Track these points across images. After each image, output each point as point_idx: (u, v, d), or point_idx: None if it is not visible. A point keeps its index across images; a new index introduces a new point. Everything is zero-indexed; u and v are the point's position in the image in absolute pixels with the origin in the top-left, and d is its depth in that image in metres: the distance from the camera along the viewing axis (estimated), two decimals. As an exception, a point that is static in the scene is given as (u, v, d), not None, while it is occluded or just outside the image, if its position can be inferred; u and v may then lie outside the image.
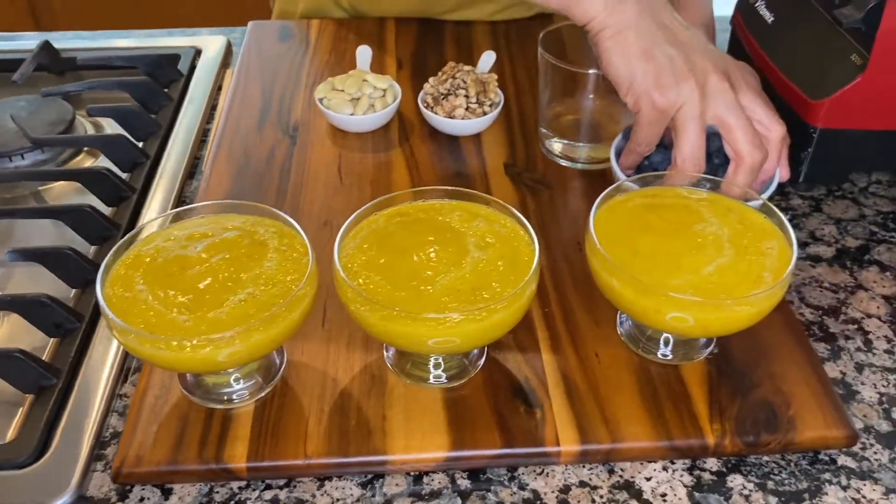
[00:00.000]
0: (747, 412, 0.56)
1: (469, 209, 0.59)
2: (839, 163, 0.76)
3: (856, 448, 0.56)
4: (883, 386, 0.60)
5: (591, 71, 0.71)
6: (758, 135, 0.63)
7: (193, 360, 0.49)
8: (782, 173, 0.68)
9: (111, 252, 0.54)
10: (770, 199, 0.77)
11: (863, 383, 0.61)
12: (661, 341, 0.60)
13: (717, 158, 0.66)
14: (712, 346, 0.60)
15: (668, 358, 0.59)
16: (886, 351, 0.63)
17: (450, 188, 0.59)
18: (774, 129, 0.64)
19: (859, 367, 0.62)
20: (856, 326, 0.65)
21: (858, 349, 0.63)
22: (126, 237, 0.55)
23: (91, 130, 0.88)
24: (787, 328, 0.62)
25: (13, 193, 0.80)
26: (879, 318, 0.65)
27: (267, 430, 0.55)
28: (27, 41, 1.00)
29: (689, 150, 0.62)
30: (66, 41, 1.02)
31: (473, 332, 0.50)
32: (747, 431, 0.55)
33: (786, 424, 0.55)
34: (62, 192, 0.80)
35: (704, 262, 0.54)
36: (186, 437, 0.54)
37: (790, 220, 0.74)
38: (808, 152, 0.75)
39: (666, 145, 0.68)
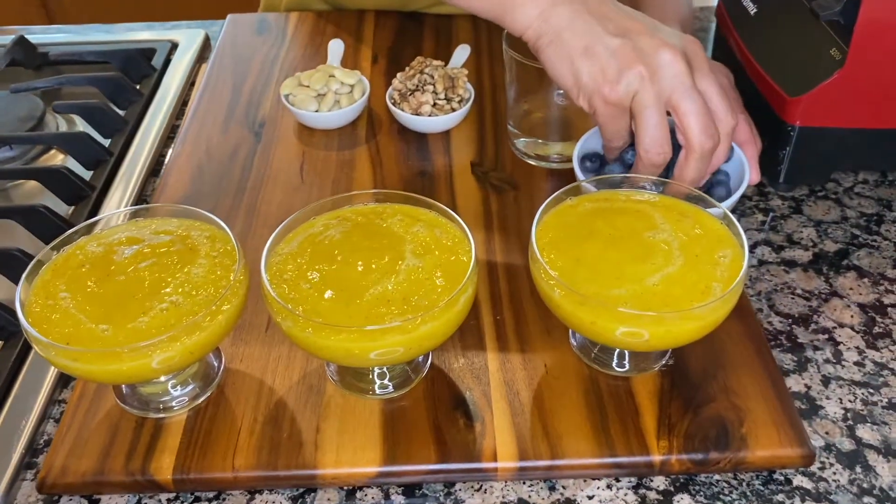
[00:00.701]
0: (697, 428, 0.53)
1: (410, 213, 0.56)
2: (820, 162, 0.73)
3: (814, 468, 0.53)
4: (849, 401, 0.57)
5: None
6: (711, 121, 0.59)
7: (105, 373, 0.47)
8: (752, 175, 0.65)
9: (35, 259, 0.53)
10: (748, 198, 0.74)
11: (828, 398, 0.57)
12: (614, 353, 0.57)
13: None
14: (667, 357, 0.57)
15: (621, 370, 0.57)
16: (857, 363, 0.60)
17: (389, 191, 0.57)
18: (724, 121, 0.60)
19: (826, 381, 0.58)
20: (826, 336, 0.62)
21: (827, 361, 0.60)
22: (54, 242, 0.54)
23: (63, 126, 0.87)
24: (748, 338, 0.59)
25: (-19, 191, 0.80)
26: (852, 328, 0.62)
27: (196, 442, 0.53)
28: (7, 37, 0.99)
29: (650, 139, 0.59)
30: (48, 35, 1.02)
31: (400, 343, 0.48)
32: (696, 449, 0.52)
33: (737, 442, 0.52)
34: (31, 190, 0.79)
35: (650, 271, 0.51)
36: (115, 448, 0.53)
37: (769, 222, 0.72)
38: (786, 151, 0.71)
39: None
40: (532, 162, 0.76)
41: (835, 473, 0.53)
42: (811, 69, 0.68)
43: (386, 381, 0.56)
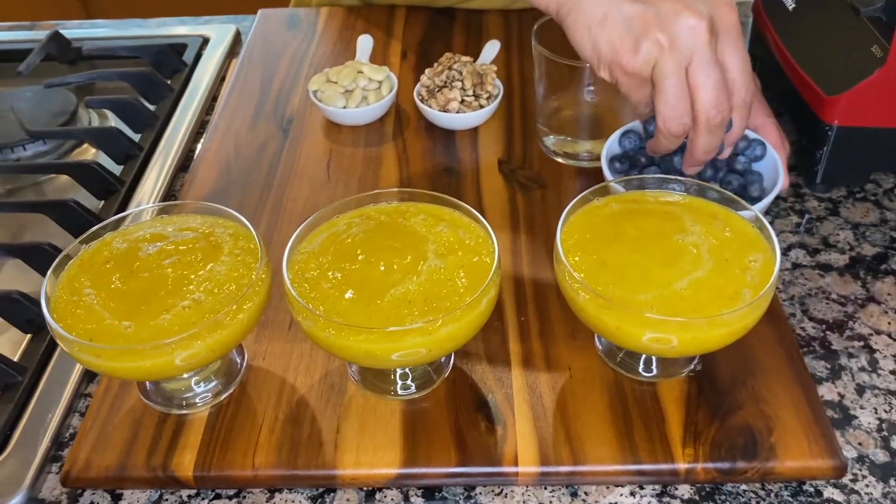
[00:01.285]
0: (724, 436, 0.52)
1: (433, 212, 0.56)
2: (859, 162, 0.71)
3: (846, 480, 0.52)
4: (885, 411, 0.55)
5: (587, 64, 0.67)
6: (724, 95, 0.56)
7: (128, 370, 0.48)
8: (783, 181, 0.63)
9: (62, 253, 0.53)
10: (783, 199, 0.72)
11: (862, 407, 0.56)
12: (640, 357, 0.56)
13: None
14: (694, 362, 0.56)
15: (647, 375, 0.56)
16: (893, 372, 0.58)
17: (413, 190, 0.57)
18: (738, 94, 0.58)
19: (860, 390, 0.57)
20: (861, 343, 0.60)
21: (862, 369, 0.58)
22: (81, 237, 0.55)
23: (95, 121, 0.88)
24: (779, 344, 0.57)
25: (16, 184, 0.81)
26: (889, 335, 0.60)
27: (218, 439, 0.53)
28: (43, 31, 1.01)
29: (669, 109, 0.57)
30: (83, 30, 1.03)
31: (421, 344, 0.48)
32: (723, 457, 0.51)
33: (766, 451, 0.51)
34: (63, 185, 0.80)
35: (677, 275, 0.50)
36: (137, 443, 0.53)
37: (804, 224, 0.70)
38: (824, 151, 0.69)
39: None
40: (560, 160, 0.75)
41: (867, 486, 0.51)
42: (851, 67, 0.66)
43: (408, 382, 0.55)
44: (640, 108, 0.61)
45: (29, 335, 0.63)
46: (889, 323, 0.61)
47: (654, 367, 0.56)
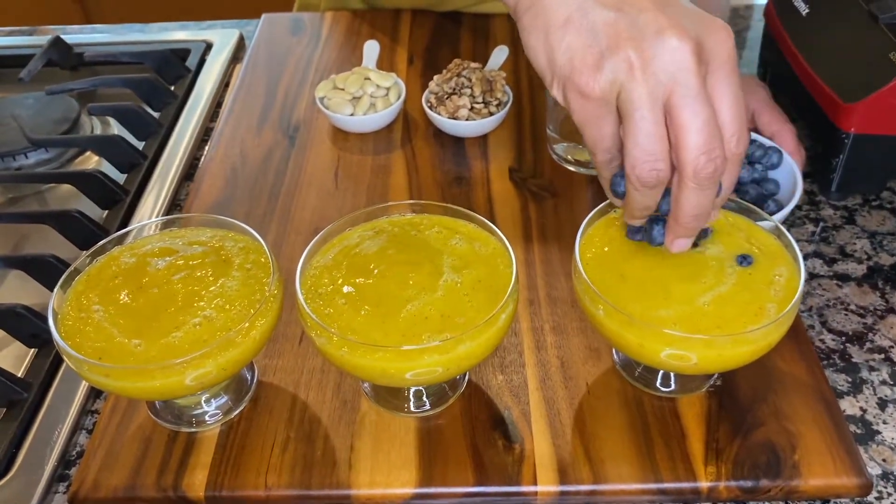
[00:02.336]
0: (747, 454, 0.51)
1: (448, 225, 0.55)
2: (875, 170, 0.70)
3: (871, 497, 0.51)
4: (908, 426, 0.54)
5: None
6: (717, 139, 0.44)
7: (137, 389, 0.46)
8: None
9: (71, 266, 0.52)
10: (798, 207, 0.71)
11: (885, 422, 0.55)
12: (659, 372, 0.55)
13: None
14: (714, 377, 0.55)
15: (666, 390, 0.54)
16: (915, 385, 0.57)
17: (426, 202, 0.56)
18: (732, 141, 0.45)
19: (882, 404, 0.56)
20: (882, 356, 0.59)
21: (883, 382, 0.57)
22: (90, 251, 0.53)
23: (98, 127, 0.87)
24: (800, 358, 0.56)
25: (18, 193, 0.80)
26: (910, 348, 0.59)
27: (229, 458, 0.52)
28: (44, 37, 0.99)
29: (639, 150, 0.44)
30: (84, 35, 1.02)
31: (438, 363, 0.46)
32: (745, 476, 0.50)
33: (789, 469, 0.50)
34: (66, 194, 0.79)
35: (700, 290, 0.49)
36: (147, 462, 0.52)
37: (819, 233, 0.69)
38: (840, 159, 0.68)
39: None
40: (571, 168, 0.74)
41: (894, 503, 0.50)
42: (868, 74, 0.65)
43: (423, 398, 0.54)
44: (598, 152, 0.48)
45: (34, 350, 0.62)
46: (909, 335, 0.60)
47: (672, 382, 0.55)
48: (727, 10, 0.85)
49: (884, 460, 0.53)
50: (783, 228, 0.52)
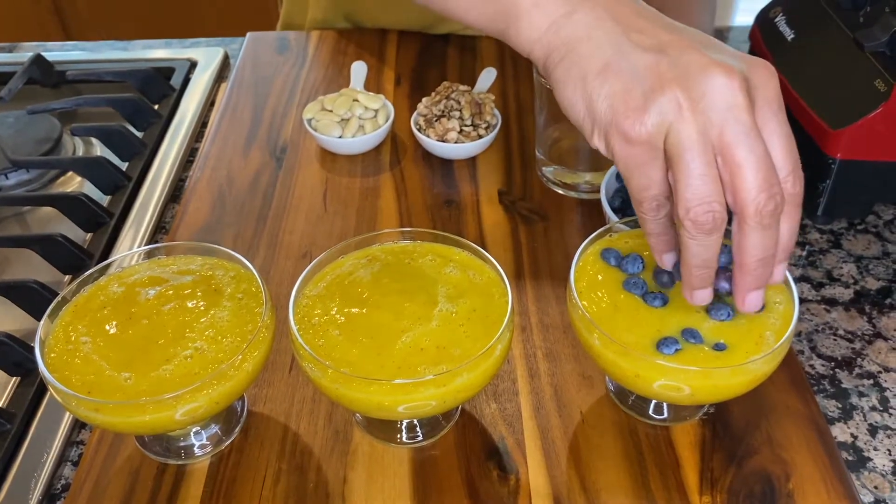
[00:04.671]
0: (742, 483, 0.51)
1: (442, 253, 0.54)
2: (861, 195, 0.70)
3: (863, 525, 0.51)
4: (898, 452, 0.55)
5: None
6: (775, 177, 0.42)
7: (127, 424, 0.45)
8: None
9: (59, 295, 0.51)
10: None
11: (876, 448, 0.55)
12: (652, 400, 0.55)
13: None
14: (707, 405, 0.55)
15: (659, 418, 0.54)
16: (904, 411, 0.57)
17: (418, 229, 0.55)
18: (790, 183, 0.43)
19: (873, 430, 0.56)
20: (871, 382, 0.59)
21: (873, 408, 0.57)
22: (78, 280, 0.52)
23: (80, 147, 0.86)
24: (791, 385, 0.56)
25: (-2, 215, 0.78)
26: (898, 373, 0.60)
27: (220, 491, 0.51)
28: (24, 54, 0.98)
29: (692, 192, 0.42)
30: (65, 52, 1.00)
31: (433, 396, 0.46)
32: (741, 506, 0.50)
33: (784, 498, 0.50)
34: (47, 216, 0.78)
35: (698, 319, 0.49)
36: (135, 497, 0.51)
37: (805, 257, 0.69)
38: (826, 184, 0.69)
39: None
40: (560, 190, 0.74)
41: (886, 532, 0.51)
42: (854, 101, 0.66)
43: (416, 429, 0.54)
44: (645, 200, 0.45)
45: (16, 378, 0.60)
46: (897, 360, 0.61)
47: (665, 410, 0.55)
48: (711, 32, 0.86)
49: (875, 487, 0.53)
50: (775, 257, 0.53)
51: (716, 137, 0.42)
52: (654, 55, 0.43)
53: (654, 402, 0.55)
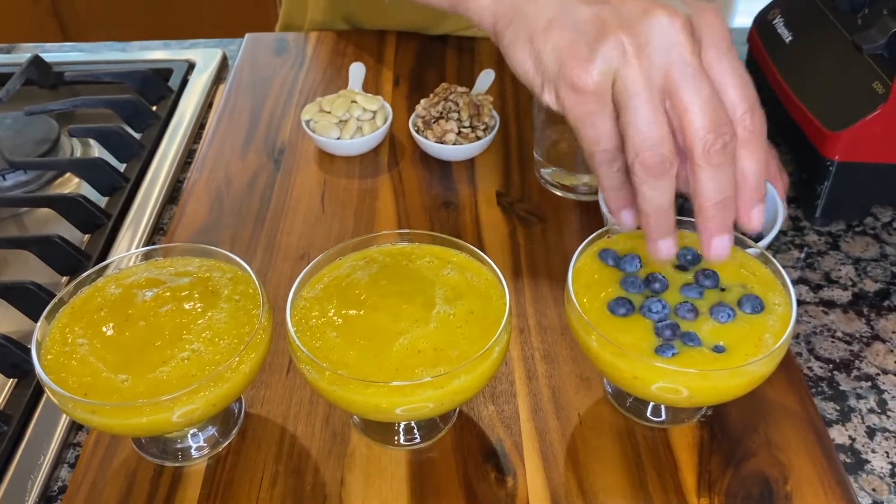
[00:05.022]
0: (739, 485, 0.51)
1: (440, 255, 0.54)
2: (859, 197, 0.70)
3: (861, 528, 0.51)
4: (896, 455, 0.55)
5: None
6: (724, 114, 0.43)
7: (124, 426, 0.45)
8: (783, 216, 0.61)
9: (57, 297, 0.51)
10: (783, 233, 0.71)
11: (874, 451, 0.55)
12: (650, 402, 0.55)
13: None
14: (705, 407, 0.55)
15: (656, 420, 0.54)
16: (902, 413, 0.57)
17: (416, 231, 0.55)
18: (748, 120, 0.43)
19: (871, 433, 0.56)
20: (870, 384, 0.59)
21: (871, 410, 0.57)
22: (75, 281, 0.52)
23: (78, 149, 0.86)
24: (789, 387, 0.56)
25: (-6, 216, 0.78)
26: (896, 375, 0.60)
27: (217, 493, 0.51)
28: (23, 55, 0.98)
29: (639, 136, 0.42)
30: (63, 53, 1.00)
31: (430, 398, 0.46)
32: (739, 508, 0.50)
33: (782, 500, 0.50)
34: (44, 217, 0.78)
35: (699, 320, 0.49)
36: (132, 499, 0.51)
37: (804, 259, 0.69)
38: (825, 186, 0.69)
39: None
40: (558, 192, 0.74)
41: (884, 534, 0.51)
42: (852, 102, 0.66)
43: (413, 431, 0.54)
44: (597, 152, 0.46)
45: (13, 380, 0.60)
46: (895, 362, 0.61)
47: (663, 412, 0.55)
48: None
49: (873, 490, 0.53)
50: (769, 255, 0.53)
51: (661, 80, 0.42)
52: (596, 6, 0.44)
53: (652, 404, 0.55)
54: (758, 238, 0.61)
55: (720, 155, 0.42)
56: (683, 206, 0.62)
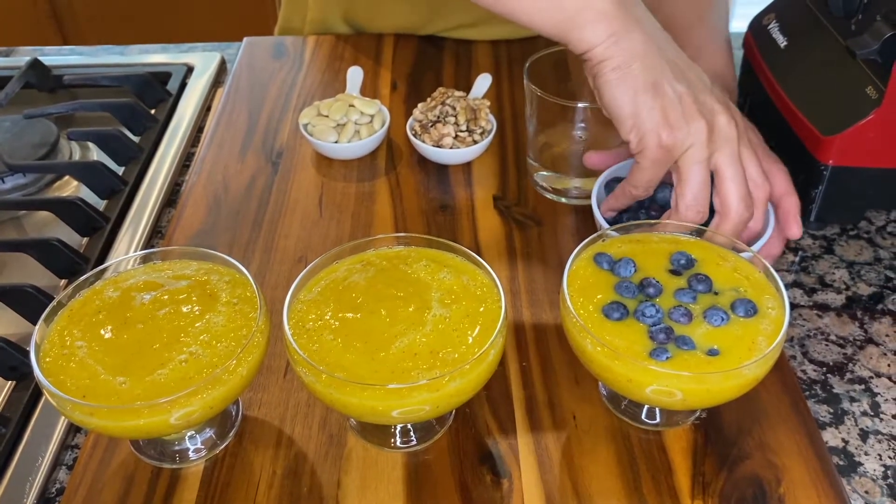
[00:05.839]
0: (733, 487, 0.51)
1: (436, 258, 0.55)
2: (854, 201, 0.71)
3: (854, 530, 0.51)
4: (889, 457, 0.55)
5: (579, 104, 0.67)
6: (749, 192, 0.58)
7: (122, 428, 0.46)
8: (793, 230, 0.62)
9: (55, 300, 0.51)
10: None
11: (867, 453, 0.55)
12: (644, 404, 0.55)
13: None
14: (699, 410, 0.55)
15: (651, 422, 0.55)
16: (895, 416, 0.58)
17: (413, 234, 0.56)
18: (761, 189, 0.60)
19: (864, 435, 0.56)
20: (863, 387, 0.60)
21: (864, 413, 0.58)
22: (73, 284, 0.53)
23: (77, 152, 0.86)
24: (783, 390, 0.57)
25: (-7, 218, 0.79)
26: (889, 378, 0.60)
27: (214, 494, 0.51)
28: (21, 58, 0.98)
29: (692, 196, 0.57)
30: (62, 57, 1.01)
31: (426, 401, 0.46)
32: (732, 510, 0.50)
33: (775, 503, 0.50)
34: (43, 220, 0.78)
35: (693, 325, 0.49)
36: (129, 501, 0.51)
37: (798, 263, 0.70)
38: (819, 190, 0.69)
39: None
40: (551, 196, 0.74)
41: (876, 536, 0.51)
42: (846, 108, 0.66)
43: (410, 433, 0.54)
44: (639, 190, 0.61)
45: (11, 382, 0.60)
46: (889, 365, 0.61)
47: (657, 415, 0.55)
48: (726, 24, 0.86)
49: (866, 492, 0.53)
50: (762, 259, 0.53)
51: (715, 160, 0.57)
52: (684, 86, 0.57)
53: (646, 407, 0.55)
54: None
55: (742, 223, 0.58)
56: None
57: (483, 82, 0.84)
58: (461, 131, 0.76)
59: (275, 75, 0.92)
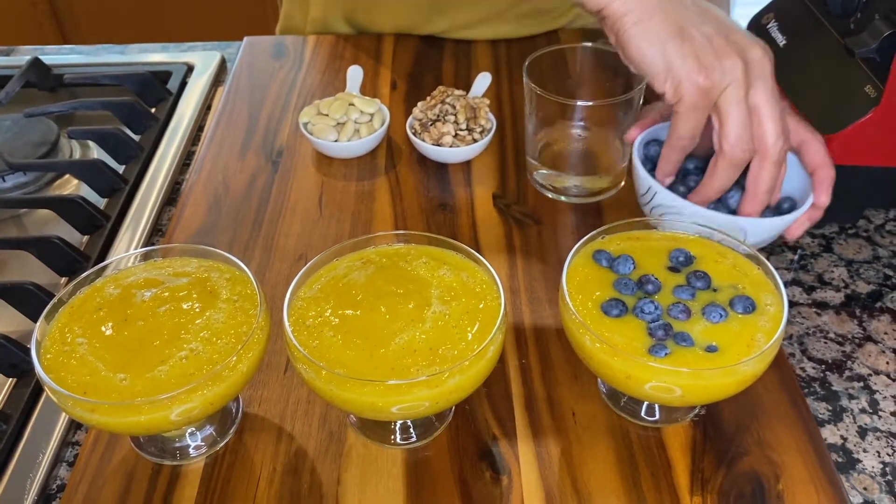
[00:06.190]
0: (732, 484, 0.51)
1: (435, 255, 0.55)
2: (852, 200, 0.71)
3: (852, 526, 0.51)
4: (888, 454, 0.55)
5: (578, 102, 0.67)
6: (786, 127, 0.58)
7: (122, 425, 0.46)
8: (822, 198, 0.62)
9: (56, 297, 0.51)
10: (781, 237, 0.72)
11: (865, 451, 0.56)
12: (644, 401, 0.55)
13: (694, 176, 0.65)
14: (698, 407, 0.56)
15: (650, 419, 0.55)
16: (894, 413, 0.58)
17: (412, 232, 0.56)
18: (769, 140, 0.58)
19: (862, 432, 0.57)
20: (861, 384, 0.60)
21: (863, 410, 0.58)
22: (74, 281, 0.53)
23: (77, 151, 0.86)
24: (782, 387, 0.57)
25: (-6, 217, 0.79)
26: (888, 376, 0.60)
27: (215, 492, 0.52)
28: (22, 57, 0.99)
29: (736, 135, 0.56)
30: (62, 56, 1.01)
31: (426, 397, 0.46)
32: (731, 506, 0.50)
33: (774, 500, 0.50)
34: (44, 218, 0.78)
35: (691, 321, 0.50)
36: (130, 498, 0.51)
37: (797, 261, 0.70)
38: (818, 189, 0.69)
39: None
40: (550, 195, 0.74)
41: (874, 533, 0.51)
42: (845, 106, 0.66)
43: (409, 430, 0.54)
44: (685, 140, 0.59)
45: (12, 379, 0.61)
46: (887, 363, 0.61)
47: (657, 412, 0.55)
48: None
49: (865, 489, 0.53)
50: (759, 255, 0.54)
51: (752, 98, 0.57)
52: (711, 26, 0.57)
53: (645, 403, 0.55)
54: (791, 209, 0.62)
55: (782, 156, 0.58)
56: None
57: (483, 81, 0.84)
58: (461, 130, 0.76)
59: (275, 75, 0.92)
